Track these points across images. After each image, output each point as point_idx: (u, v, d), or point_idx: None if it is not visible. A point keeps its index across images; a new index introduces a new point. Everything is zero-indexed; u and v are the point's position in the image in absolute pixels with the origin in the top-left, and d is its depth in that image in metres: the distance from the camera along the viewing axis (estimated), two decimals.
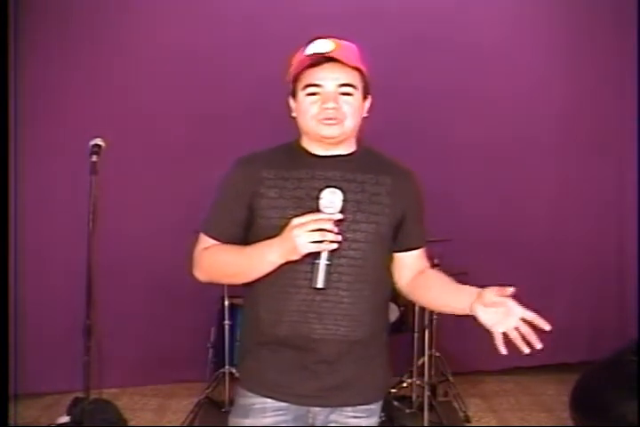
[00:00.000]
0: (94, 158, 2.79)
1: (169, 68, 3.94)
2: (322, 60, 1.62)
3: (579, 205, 4.34)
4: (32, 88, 3.74)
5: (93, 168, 2.78)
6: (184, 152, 4.00)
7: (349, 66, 1.63)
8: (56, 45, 3.83)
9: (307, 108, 1.65)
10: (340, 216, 1.57)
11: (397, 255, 1.77)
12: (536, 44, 4.26)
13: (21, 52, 3.63)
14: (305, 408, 1.71)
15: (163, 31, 3.93)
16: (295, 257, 1.56)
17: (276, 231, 1.58)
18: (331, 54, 1.61)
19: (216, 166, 1.97)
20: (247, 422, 1.72)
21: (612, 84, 4.31)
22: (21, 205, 3.66)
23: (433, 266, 1.87)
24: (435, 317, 3.57)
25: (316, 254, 1.55)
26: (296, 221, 1.54)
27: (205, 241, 1.74)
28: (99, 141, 2.83)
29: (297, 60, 1.66)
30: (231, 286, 3.30)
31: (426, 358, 3.53)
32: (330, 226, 1.54)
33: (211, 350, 3.76)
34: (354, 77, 1.65)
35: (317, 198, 1.58)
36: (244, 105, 3.88)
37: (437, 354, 3.72)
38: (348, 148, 1.74)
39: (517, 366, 4.23)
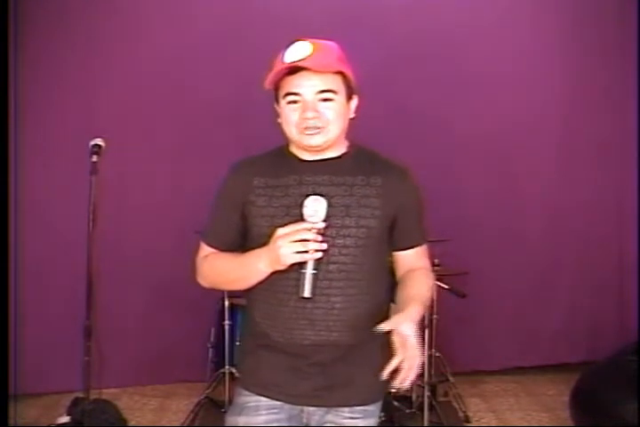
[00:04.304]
0: (94, 158, 2.80)
1: (169, 68, 3.94)
2: (298, 67, 1.57)
3: (579, 205, 4.33)
4: (32, 88, 3.74)
5: (93, 168, 2.78)
6: (184, 152, 4.00)
7: (328, 71, 1.59)
8: (55, 45, 3.83)
9: (288, 117, 1.62)
10: (322, 225, 1.55)
11: (393, 253, 1.77)
12: (537, 45, 4.25)
13: (21, 52, 3.63)
14: (299, 408, 1.72)
15: (163, 31, 3.92)
16: (281, 267, 1.55)
17: (266, 240, 1.57)
18: (306, 62, 1.55)
19: (216, 166, 1.97)
20: (241, 419, 1.73)
21: (612, 85, 4.30)
22: (21, 205, 3.66)
23: (433, 266, 1.86)
24: (435, 316, 3.57)
25: (305, 263, 1.54)
26: (280, 231, 1.53)
27: (205, 249, 1.77)
28: (99, 141, 2.83)
29: (275, 66, 1.61)
30: None
31: (426, 358, 3.53)
32: (312, 235, 1.52)
33: (211, 350, 3.75)
34: (334, 82, 1.60)
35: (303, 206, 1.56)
36: (245, 105, 3.88)
37: (437, 354, 3.71)
38: (336, 150, 1.70)
39: (517, 366, 4.24)
